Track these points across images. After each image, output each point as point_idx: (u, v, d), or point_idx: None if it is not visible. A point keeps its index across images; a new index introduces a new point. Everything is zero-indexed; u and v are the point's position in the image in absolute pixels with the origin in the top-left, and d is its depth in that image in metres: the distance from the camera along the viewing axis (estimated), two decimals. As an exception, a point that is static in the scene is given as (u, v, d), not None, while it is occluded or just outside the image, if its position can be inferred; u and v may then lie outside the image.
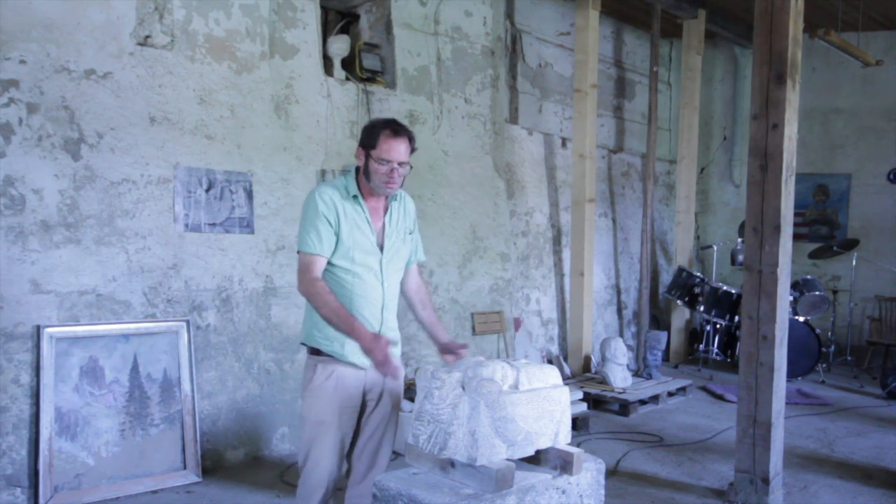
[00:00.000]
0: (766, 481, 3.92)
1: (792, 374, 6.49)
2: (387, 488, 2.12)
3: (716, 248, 8.29)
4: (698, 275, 7.82)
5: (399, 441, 3.13)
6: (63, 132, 3.99)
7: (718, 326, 7.74)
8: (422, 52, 5.79)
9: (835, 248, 8.07)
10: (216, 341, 4.53)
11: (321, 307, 2.64)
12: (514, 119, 7.07)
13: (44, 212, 3.92)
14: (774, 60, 3.85)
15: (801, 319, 7.12)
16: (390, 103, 5.53)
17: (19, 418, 3.78)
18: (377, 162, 2.67)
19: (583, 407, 5.60)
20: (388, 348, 2.57)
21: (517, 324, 6.63)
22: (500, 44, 6.44)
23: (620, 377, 6.22)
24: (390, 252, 2.82)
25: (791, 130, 3.90)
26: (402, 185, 2.78)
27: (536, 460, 2.27)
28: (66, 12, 4.00)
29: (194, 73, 4.49)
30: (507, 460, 2.14)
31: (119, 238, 4.17)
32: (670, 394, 6.44)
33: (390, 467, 2.82)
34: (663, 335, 6.92)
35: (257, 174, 4.76)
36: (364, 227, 2.75)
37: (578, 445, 2.61)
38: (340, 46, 5.32)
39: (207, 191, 4.52)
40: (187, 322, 4.37)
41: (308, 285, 2.66)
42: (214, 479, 4.26)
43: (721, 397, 6.60)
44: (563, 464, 2.23)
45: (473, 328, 6.00)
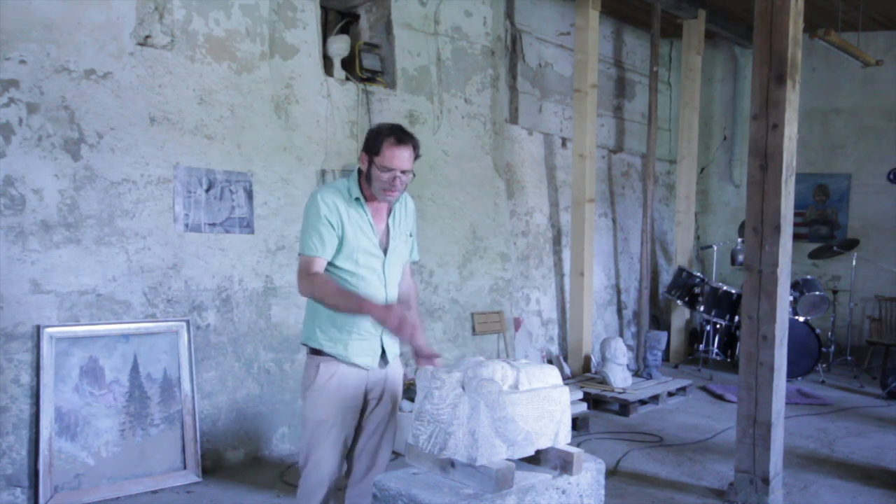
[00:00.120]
0: (766, 481, 3.92)
1: (792, 374, 6.49)
2: (387, 488, 2.12)
3: (716, 248, 8.29)
4: (698, 275, 7.82)
5: (399, 441, 3.13)
6: (63, 132, 3.99)
7: (718, 326, 7.74)
8: (422, 52, 5.79)
9: (835, 248, 8.07)
10: (216, 341, 4.53)
11: (326, 298, 2.62)
12: (514, 119, 7.07)
13: (44, 212, 3.92)
14: (774, 60, 3.85)
15: (801, 319, 7.12)
16: (390, 103, 5.53)
17: (19, 418, 3.78)
18: (380, 169, 2.65)
19: (583, 407, 5.60)
20: (401, 312, 2.52)
21: (517, 324, 6.63)
22: (500, 44, 6.44)
23: (620, 377, 6.22)
24: (393, 254, 2.82)
25: (791, 130, 3.90)
26: (403, 191, 2.77)
27: (536, 460, 2.27)
28: (66, 12, 4.00)
29: (194, 73, 4.49)
30: (507, 460, 2.14)
31: (119, 238, 4.17)
32: (670, 394, 6.45)
33: (390, 467, 2.82)
34: (663, 335, 6.92)
35: (257, 174, 4.76)
36: (367, 230, 2.74)
37: (578, 445, 2.61)
38: (340, 46, 5.32)
39: (207, 191, 4.52)
40: (187, 322, 4.37)
41: (307, 283, 2.65)
42: (214, 479, 4.26)
43: (721, 397, 6.60)
44: (563, 464, 2.23)
45: (473, 328, 6.00)
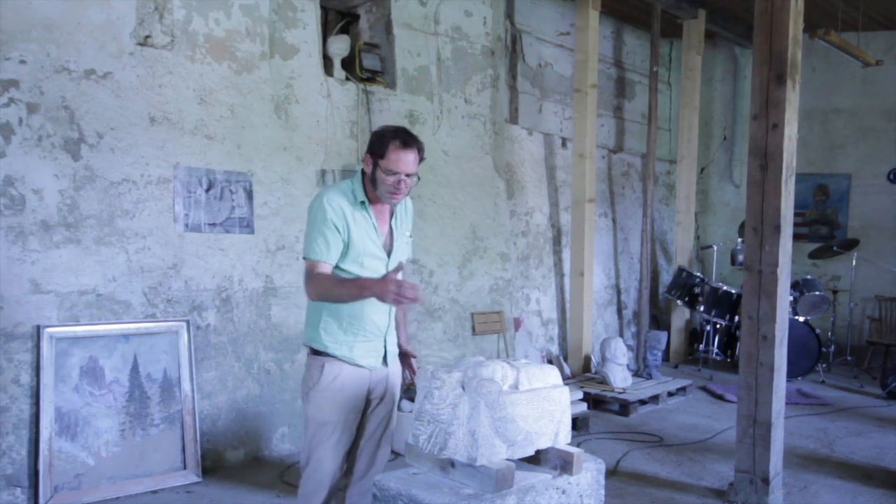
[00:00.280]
0: (766, 481, 3.92)
1: (792, 374, 6.49)
2: (387, 488, 2.12)
3: (716, 248, 8.29)
4: (698, 275, 7.82)
5: (399, 441, 3.13)
6: (63, 132, 3.99)
7: (718, 326, 7.74)
8: (422, 52, 5.78)
9: (835, 248, 8.07)
10: (216, 341, 4.53)
11: (329, 291, 2.62)
12: (514, 119, 7.07)
13: (44, 212, 3.91)
14: (774, 60, 3.85)
15: (801, 319, 7.12)
16: (390, 103, 5.53)
17: (19, 418, 3.78)
18: (385, 172, 2.64)
19: (583, 407, 5.60)
20: (396, 282, 2.47)
21: (517, 324, 6.63)
22: (500, 44, 6.44)
23: (620, 377, 6.22)
24: (396, 255, 2.83)
25: (791, 130, 3.90)
26: (407, 194, 2.76)
27: (536, 460, 2.27)
28: (66, 12, 4.00)
29: (194, 73, 4.49)
30: (507, 460, 2.14)
31: (119, 238, 4.17)
32: (670, 394, 6.44)
33: (390, 467, 2.81)
34: (663, 335, 6.92)
35: (257, 174, 4.76)
36: (371, 234, 2.74)
37: (578, 445, 2.61)
38: (340, 46, 5.32)
39: (207, 191, 4.52)
40: (187, 322, 4.37)
41: (311, 287, 2.64)
42: (214, 479, 4.26)
43: (721, 397, 6.60)
44: (563, 464, 2.23)
45: (473, 328, 6.00)
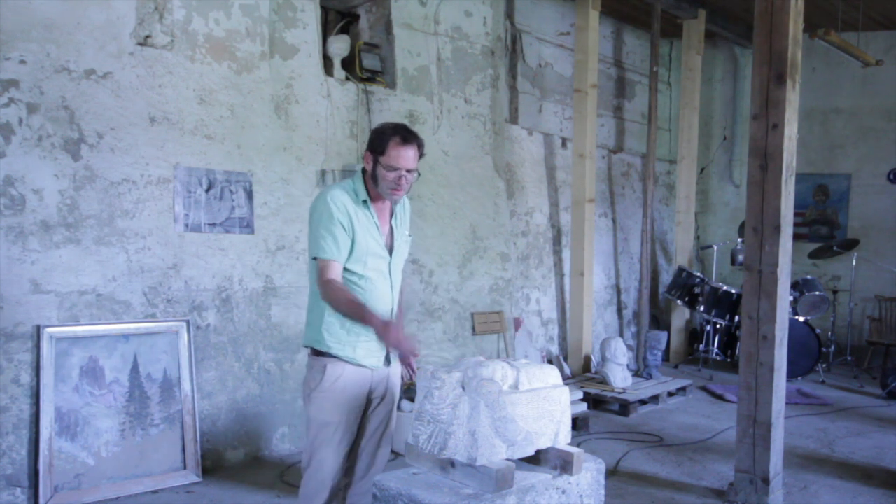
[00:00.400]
0: (766, 481, 3.92)
1: (792, 374, 6.49)
2: (387, 488, 2.12)
3: (716, 248, 8.29)
4: (698, 275, 7.82)
5: (399, 441, 3.13)
6: (63, 132, 3.99)
7: (718, 326, 7.74)
8: (422, 52, 5.78)
9: (835, 248, 8.07)
10: (216, 341, 4.53)
11: (336, 305, 2.62)
12: (514, 119, 7.07)
13: (44, 212, 3.91)
14: (774, 60, 3.85)
15: (801, 319, 7.11)
16: (390, 103, 5.53)
17: (19, 418, 3.78)
18: (385, 168, 2.64)
19: (583, 407, 5.60)
20: (398, 331, 2.53)
21: (517, 324, 6.63)
22: (500, 44, 6.44)
23: (620, 377, 6.22)
24: (397, 254, 2.83)
25: (791, 130, 3.90)
26: (408, 191, 2.76)
27: (536, 460, 2.27)
28: (66, 12, 4.00)
29: (194, 73, 4.49)
30: (507, 460, 2.14)
31: (119, 238, 4.17)
32: (670, 394, 6.44)
33: (390, 467, 2.81)
34: (663, 335, 6.92)
35: (257, 174, 4.76)
36: (374, 232, 2.74)
37: (578, 445, 2.61)
38: (340, 46, 5.32)
39: (207, 191, 4.52)
40: (187, 322, 4.37)
41: (322, 289, 2.64)
42: (214, 479, 4.26)
43: (721, 397, 6.60)
44: (563, 464, 2.23)
45: (473, 328, 6.00)
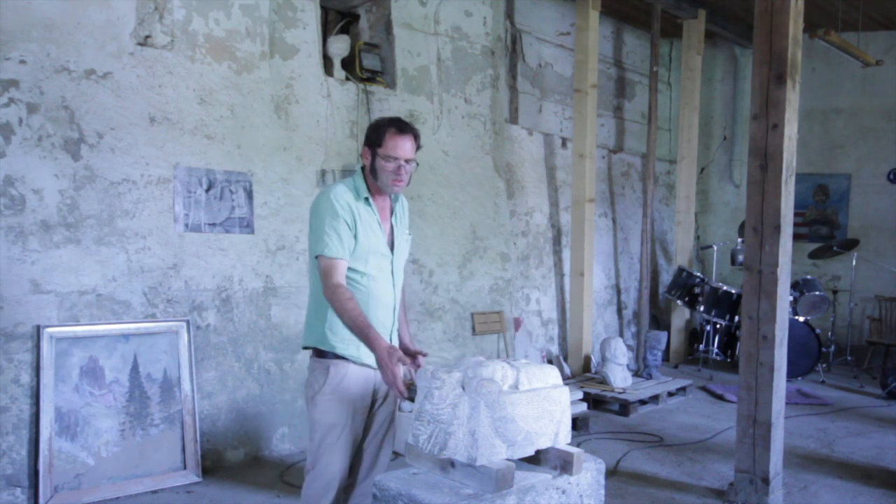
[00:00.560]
0: (766, 481, 3.92)
1: (792, 374, 6.49)
2: (387, 488, 2.11)
3: (716, 248, 8.29)
4: (698, 275, 7.82)
5: (399, 441, 3.13)
6: (63, 132, 3.99)
7: (718, 326, 7.74)
8: (422, 52, 5.78)
9: (835, 248, 8.07)
10: (216, 341, 4.53)
11: (341, 315, 2.60)
12: (514, 119, 7.07)
13: (44, 212, 3.91)
14: (774, 60, 3.85)
15: (801, 319, 7.11)
16: (390, 103, 5.53)
17: (19, 418, 3.78)
18: (384, 159, 2.65)
19: (583, 407, 5.60)
20: (399, 368, 2.50)
21: (517, 324, 6.63)
22: (500, 44, 6.44)
23: (620, 377, 6.22)
24: (398, 252, 2.82)
25: (791, 130, 3.90)
26: (408, 183, 2.75)
27: (536, 460, 2.27)
28: (66, 12, 4.00)
29: (194, 73, 4.49)
30: (507, 460, 2.14)
31: (119, 238, 4.17)
32: (670, 394, 6.44)
33: (390, 467, 2.81)
34: (663, 335, 6.92)
35: (257, 174, 4.76)
36: (376, 230, 2.73)
37: (578, 445, 2.61)
38: (340, 46, 5.32)
39: (207, 191, 4.52)
40: (187, 322, 4.37)
41: (330, 292, 2.61)
42: (214, 479, 4.26)
43: (721, 397, 6.60)
44: (563, 464, 2.23)
45: (473, 328, 6.00)
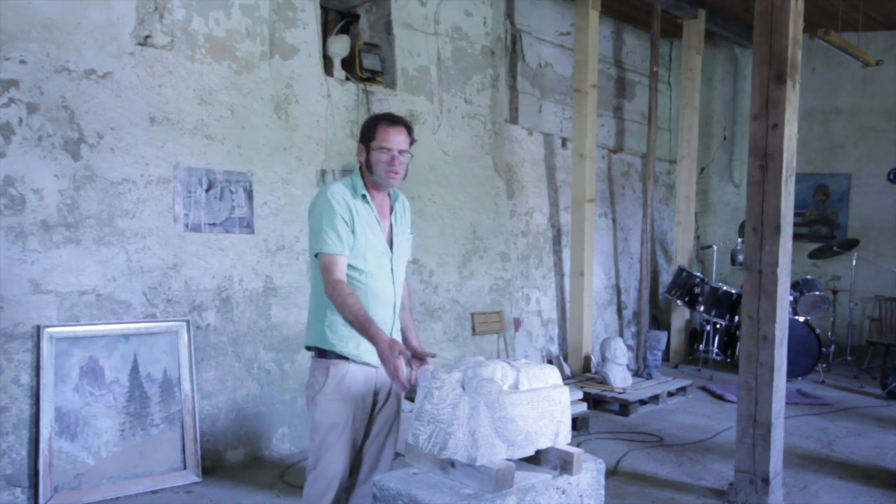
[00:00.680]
0: (766, 481, 3.92)
1: (792, 374, 6.49)
2: (387, 488, 2.11)
3: (716, 248, 8.29)
4: (698, 275, 7.82)
5: (399, 441, 3.13)
6: (63, 132, 3.99)
7: (718, 326, 7.74)
8: (422, 52, 5.79)
9: (835, 248, 8.07)
10: (216, 341, 4.53)
11: (342, 310, 2.60)
12: (514, 119, 7.07)
13: (44, 212, 3.92)
14: (774, 60, 3.85)
15: (801, 319, 7.11)
16: (390, 103, 5.53)
17: (19, 418, 3.78)
18: (377, 152, 2.67)
19: (583, 407, 5.60)
20: (401, 360, 2.48)
21: (517, 324, 6.63)
22: (500, 44, 6.44)
23: (620, 377, 6.22)
24: (398, 251, 2.82)
25: (791, 130, 3.90)
26: (405, 176, 2.75)
27: (536, 460, 2.27)
28: (66, 12, 4.00)
29: (194, 73, 4.49)
30: (507, 460, 2.14)
31: (119, 238, 4.17)
32: (670, 394, 6.44)
33: (390, 467, 2.81)
34: (663, 335, 6.92)
35: (257, 174, 4.76)
36: (374, 227, 2.74)
37: (578, 445, 2.61)
38: (340, 46, 5.32)
39: (207, 191, 4.52)
40: (187, 322, 4.37)
41: (331, 288, 2.61)
42: (214, 479, 4.26)
43: (721, 397, 6.60)
44: (563, 464, 2.23)
45: (473, 328, 6.00)
